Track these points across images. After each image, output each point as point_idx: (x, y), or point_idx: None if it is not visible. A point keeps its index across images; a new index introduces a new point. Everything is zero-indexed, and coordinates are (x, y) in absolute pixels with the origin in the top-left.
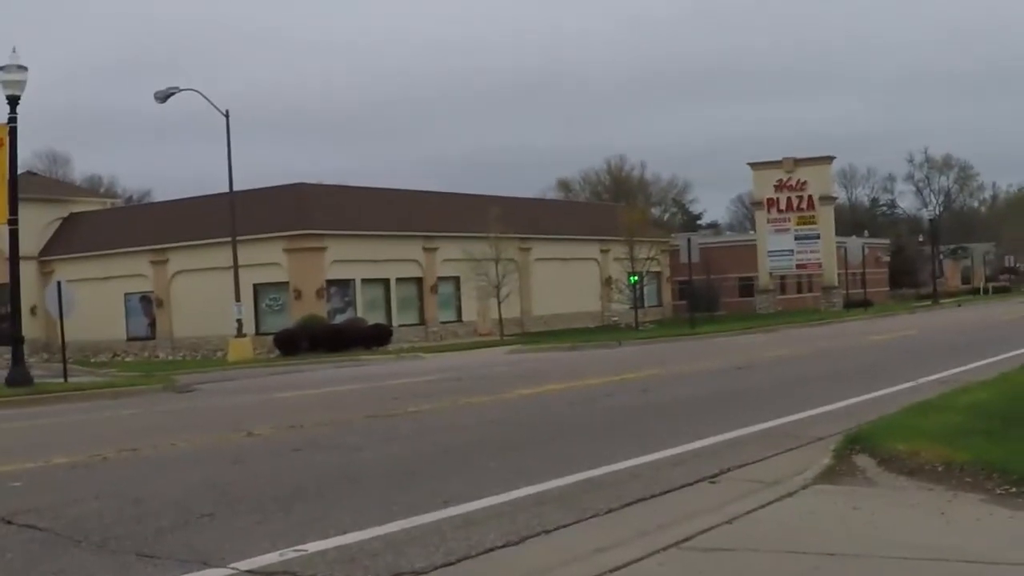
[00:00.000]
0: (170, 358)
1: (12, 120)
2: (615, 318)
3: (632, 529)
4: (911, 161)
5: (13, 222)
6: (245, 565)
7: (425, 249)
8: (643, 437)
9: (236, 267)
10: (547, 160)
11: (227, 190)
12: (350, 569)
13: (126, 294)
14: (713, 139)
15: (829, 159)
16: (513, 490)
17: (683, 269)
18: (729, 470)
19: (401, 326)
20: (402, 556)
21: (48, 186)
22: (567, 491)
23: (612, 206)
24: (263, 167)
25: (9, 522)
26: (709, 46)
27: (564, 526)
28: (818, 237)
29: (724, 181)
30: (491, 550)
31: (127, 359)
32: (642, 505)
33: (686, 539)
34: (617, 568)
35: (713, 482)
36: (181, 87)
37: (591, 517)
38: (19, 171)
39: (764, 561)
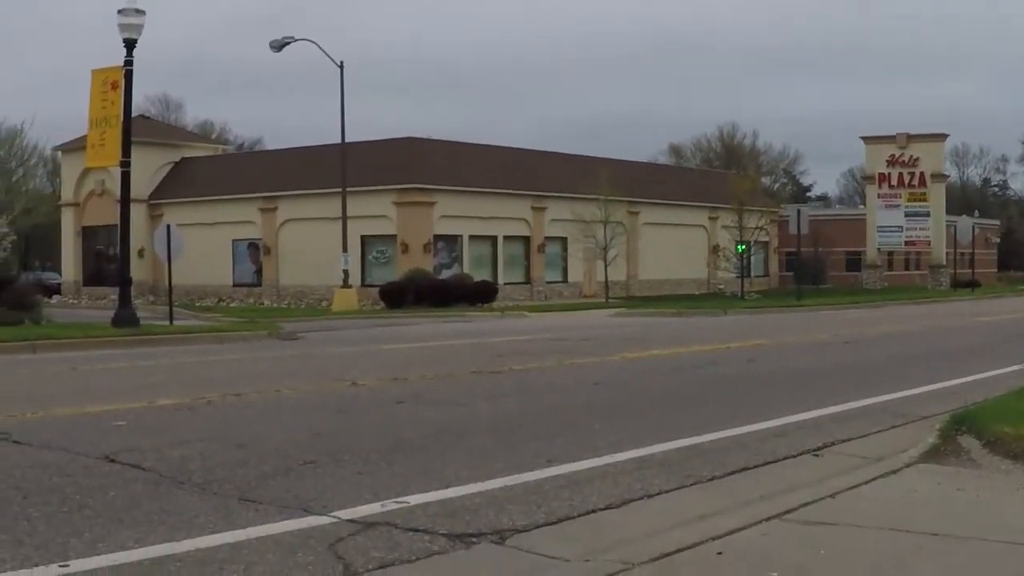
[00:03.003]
0: (275, 306)
1: (128, 63)
2: (721, 286)
3: (734, 498)
4: None
5: (125, 164)
6: (346, 514)
7: (534, 208)
8: (747, 407)
9: (345, 218)
10: (659, 126)
11: (338, 141)
12: (451, 524)
13: (234, 240)
14: (827, 111)
15: (942, 136)
16: (616, 453)
17: (791, 240)
18: (833, 444)
19: (506, 284)
20: (503, 513)
21: (160, 130)
22: (670, 456)
23: (723, 173)
24: (375, 122)
25: (112, 460)
26: (833, 20)
27: (667, 491)
28: (928, 215)
29: (836, 154)
30: (593, 511)
31: (232, 305)
32: (745, 474)
33: (788, 511)
34: (719, 536)
35: (816, 455)
36: (297, 37)
37: (693, 484)
38: (133, 114)
39: (866, 537)
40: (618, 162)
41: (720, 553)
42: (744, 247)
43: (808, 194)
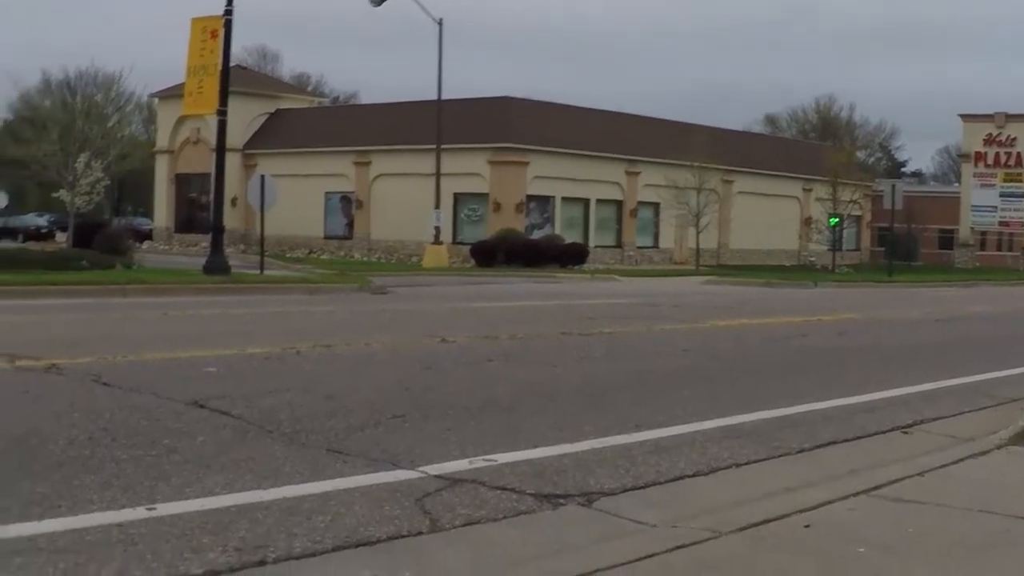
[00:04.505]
0: (365, 259)
1: (228, 12)
2: (812, 258)
3: (822, 471)
4: None
5: (222, 113)
6: (434, 470)
7: (627, 172)
8: (836, 380)
9: (439, 174)
10: (757, 95)
11: (433, 98)
12: (539, 484)
13: (326, 193)
14: (926, 88)
15: None
16: (705, 420)
17: (884, 215)
18: (922, 422)
19: (597, 247)
20: (591, 475)
21: (257, 81)
22: (759, 426)
23: (818, 145)
24: (471, 80)
25: (201, 406)
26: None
27: (755, 461)
28: (1023, 196)
29: (932, 131)
30: (680, 478)
31: (322, 257)
32: (833, 448)
33: (876, 487)
34: (807, 509)
35: (906, 433)
36: None
37: (782, 455)
38: (230, 64)
39: (954, 517)
40: (714, 129)
41: (807, 526)
42: (837, 220)
43: (903, 169)
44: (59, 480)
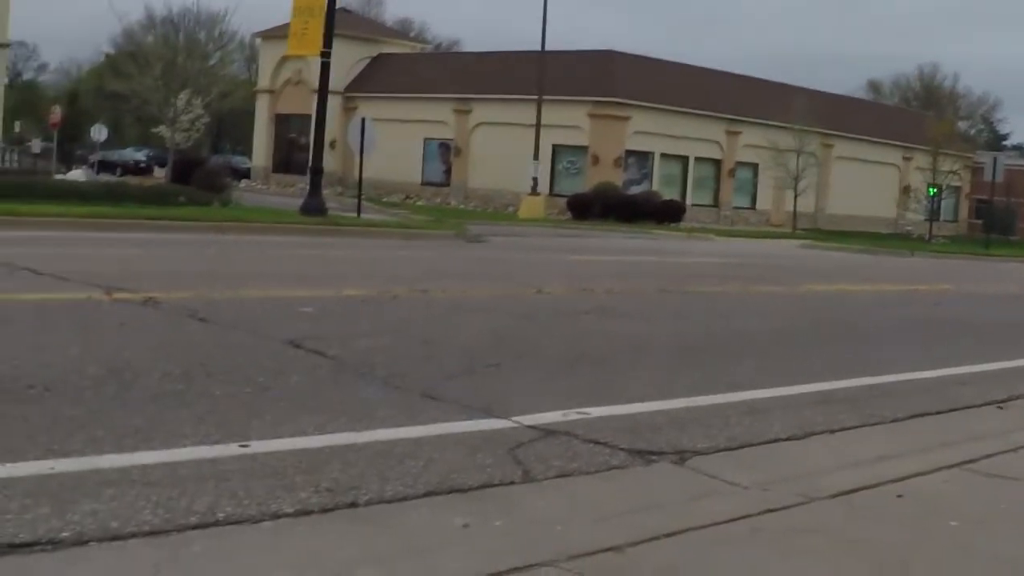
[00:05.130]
0: (461, 207)
1: None
2: (908, 227)
3: (916, 442)
4: None
5: (326, 55)
6: (528, 420)
7: (728, 132)
8: (931, 350)
9: (539, 125)
10: (861, 61)
11: (537, 48)
12: (632, 440)
13: (425, 139)
14: None
15: None
16: (800, 384)
17: (983, 188)
18: (1018, 398)
19: (694, 205)
20: (684, 434)
21: (360, 25)
22: (854, 393)
23: (920, 114)
24: (574, 31)
25: (297, 346)
26: None
27: (848, 428)
28: None
29: None
30: (774, 441)
31: (419, 203)
32: (927, 419)
33: (969, 461)
34: (900, 479)
35: (1001, 407)
36: None
37: (876, 424)
38: (336, 7)
39: None
40: (816, 92)
41: (900, 496)
42: (935, 190)
43: (1004, 142)
44: (153, 413)
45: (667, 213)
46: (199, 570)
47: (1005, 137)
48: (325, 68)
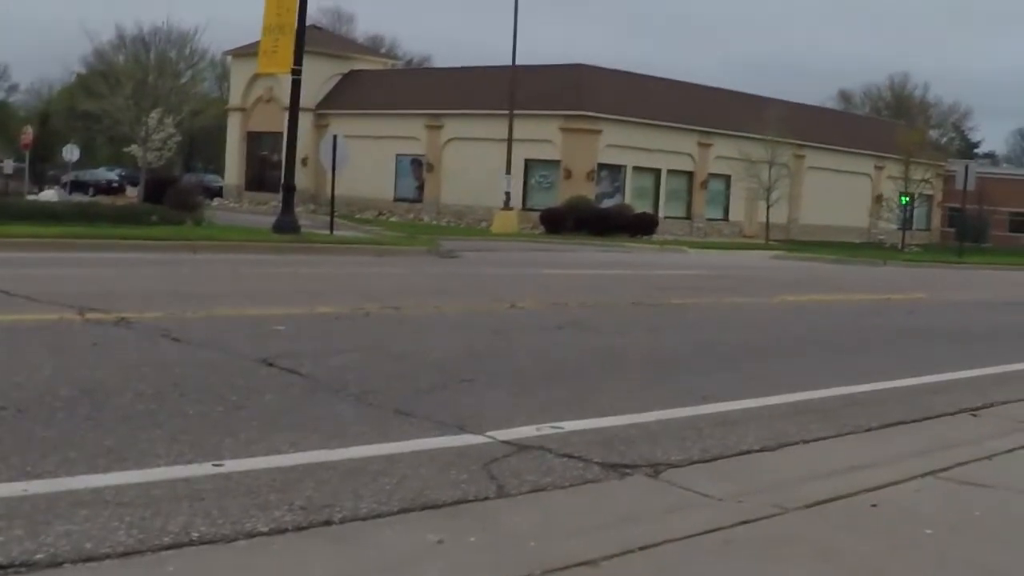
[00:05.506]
0: (434, 223)
1: None
2: (881, 237)
3: (889, 451)
4: None
5: (297, 72)
6: (502, 435)
7: (700, 144)
8: (905, 359)
9: (511, 140)
10: (828, 70)
11: (508, 63)
12: (606, 453)
13: (398, 155)
14: (1002, 68)
15: None
16: (773, 395)
17: (955, 196)
18: (992, 405)
19: (666, 218)
20: (658, 446)
21: (331, 42)
22: (827, 404)
23: (891, 123)
24: (544, 46)
25: (270, 364)
26: None
27: (822, 438)
28: None
29: (1007, 112)
30: (747, 452)
31: (391, 219)
32: (901, 428)
33: (943, 469)
34: (874, 488)
35: (974, 415)
36: None
37: (849, 433)
38: (306, 24)
39: (1021, 501)
40: (787, 103)
41: (874, 505)
42: (908, 199)
43: (976, 150)
44: (126, 433)
45: (640, 226)
46: None
47: (977, 145)
48: (296, 85)
